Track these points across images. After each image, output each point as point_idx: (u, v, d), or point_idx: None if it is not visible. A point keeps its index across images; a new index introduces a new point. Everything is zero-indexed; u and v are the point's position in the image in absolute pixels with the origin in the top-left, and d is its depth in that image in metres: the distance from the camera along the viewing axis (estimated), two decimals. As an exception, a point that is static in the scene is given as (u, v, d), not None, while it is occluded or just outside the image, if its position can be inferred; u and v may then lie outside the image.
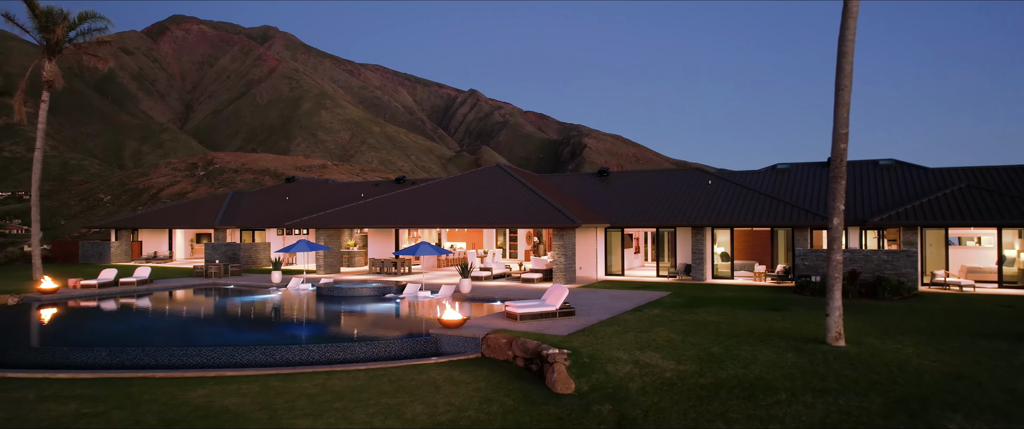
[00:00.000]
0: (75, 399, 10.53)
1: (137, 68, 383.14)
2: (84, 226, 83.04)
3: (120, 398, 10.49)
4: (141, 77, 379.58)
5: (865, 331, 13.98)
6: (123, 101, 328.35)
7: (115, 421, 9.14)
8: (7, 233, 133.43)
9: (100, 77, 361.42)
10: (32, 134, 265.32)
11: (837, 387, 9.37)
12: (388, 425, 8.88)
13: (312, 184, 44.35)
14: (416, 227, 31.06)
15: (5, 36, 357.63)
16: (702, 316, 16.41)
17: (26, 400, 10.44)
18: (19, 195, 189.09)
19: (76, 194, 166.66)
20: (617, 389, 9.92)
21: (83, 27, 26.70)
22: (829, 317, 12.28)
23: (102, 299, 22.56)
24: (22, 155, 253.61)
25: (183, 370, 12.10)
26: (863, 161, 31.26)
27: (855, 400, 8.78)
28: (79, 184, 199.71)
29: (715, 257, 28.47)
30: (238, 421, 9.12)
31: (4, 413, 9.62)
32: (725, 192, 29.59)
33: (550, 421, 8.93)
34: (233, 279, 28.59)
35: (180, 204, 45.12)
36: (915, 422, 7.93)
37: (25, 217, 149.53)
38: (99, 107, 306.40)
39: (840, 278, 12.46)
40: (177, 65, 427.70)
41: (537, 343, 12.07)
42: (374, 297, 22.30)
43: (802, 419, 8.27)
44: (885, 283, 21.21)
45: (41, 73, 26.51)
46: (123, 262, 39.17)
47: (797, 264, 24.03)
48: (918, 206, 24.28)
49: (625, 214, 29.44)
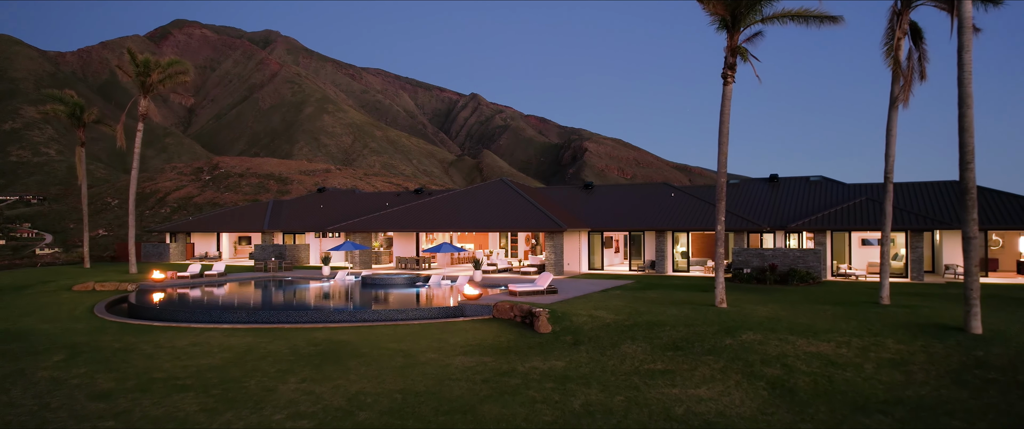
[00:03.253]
0: (247, 336, 17.38)
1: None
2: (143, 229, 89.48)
3: (273, 337, 17.33)
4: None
5: (749, 301, 20.82)
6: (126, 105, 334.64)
7: (279, 348, 15.92)
8: (18, 236, 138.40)
9: (104, 81, 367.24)
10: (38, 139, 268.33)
11: (700, 323, 16.19)
12: (440, 346, 15.80)
13: (341, 193, 51.28)
14: (433, 231, 37.93)
15: (10, 41, 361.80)
16: (648, 294, 23.24)
17: (214, 339, 17.25)
18: (27, 199, 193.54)
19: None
20: (576, 328, 16.77)
21: (169, 70, 33.47)
22: (716, 289, 19.13)
23: (198, 286, 29.40)
24: (28, 159, 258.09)
25: (299, 324, 18.94)
26: (796, 177, 38.20)
27: (705, 328, 15.62)
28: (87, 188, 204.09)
29: (676, 255, 35.32)
30: (353, 345, 15.94)
31: (204, 346, 16.36)
32: (685, 203, 36.45)
33: (535, 344, 15.82)
34: (287, 273, 35.44)
35: (227, 211, 52.00)
36: (728, 336, 14.76)
37: (33, 221, 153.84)
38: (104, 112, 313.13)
39: (722, 266, 19.31)
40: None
41: (529, 306, 18.93)
42: (407, 284, 29.18)
43: (673, 337, 15.11)
44: (795, 273, 28.09)
45: (138, 107, 33.25)
46: (179, 261, 45.94)
47: (734, 259, 30.90)
48: (827, 214, 31.17)
49: (604, 220, 36.32)
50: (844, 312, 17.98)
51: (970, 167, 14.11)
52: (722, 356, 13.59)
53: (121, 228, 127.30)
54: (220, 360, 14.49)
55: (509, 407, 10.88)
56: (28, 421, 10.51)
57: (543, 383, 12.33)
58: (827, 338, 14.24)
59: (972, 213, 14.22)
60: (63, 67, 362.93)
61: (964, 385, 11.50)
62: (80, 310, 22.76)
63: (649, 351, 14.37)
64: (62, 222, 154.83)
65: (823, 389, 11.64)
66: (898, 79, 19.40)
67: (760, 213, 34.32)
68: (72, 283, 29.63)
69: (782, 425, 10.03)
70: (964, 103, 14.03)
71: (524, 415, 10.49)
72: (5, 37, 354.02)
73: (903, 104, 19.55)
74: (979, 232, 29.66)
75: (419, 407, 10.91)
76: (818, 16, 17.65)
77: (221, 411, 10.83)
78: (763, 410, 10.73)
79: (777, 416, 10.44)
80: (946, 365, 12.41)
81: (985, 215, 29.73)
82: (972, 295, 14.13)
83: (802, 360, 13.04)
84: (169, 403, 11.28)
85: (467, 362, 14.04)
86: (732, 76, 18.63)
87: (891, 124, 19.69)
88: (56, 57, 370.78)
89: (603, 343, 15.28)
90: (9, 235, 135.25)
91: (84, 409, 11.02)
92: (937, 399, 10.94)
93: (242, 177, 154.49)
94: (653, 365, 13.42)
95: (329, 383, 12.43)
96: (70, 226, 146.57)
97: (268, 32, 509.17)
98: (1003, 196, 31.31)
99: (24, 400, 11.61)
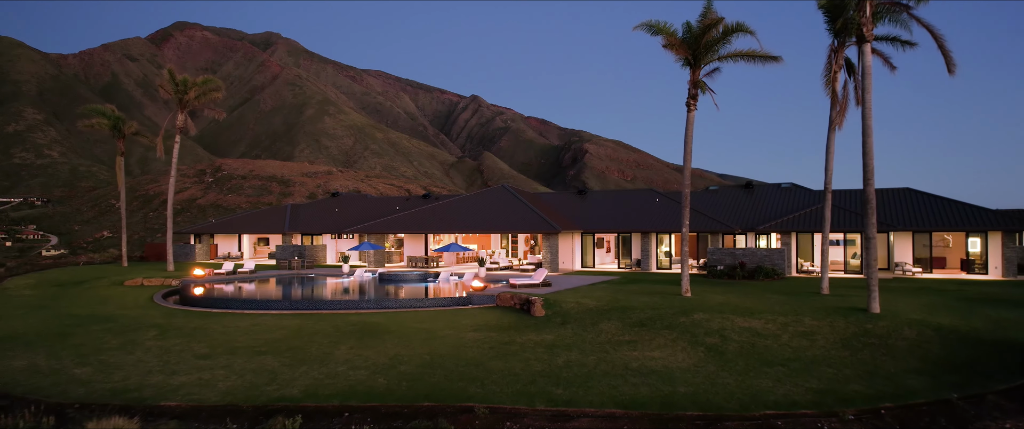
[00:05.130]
0: (295, 319, 21.27)
1: (141, 74, 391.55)
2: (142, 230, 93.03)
3: (316, 320, 21.21)
4: (146, 83, 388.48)
5: (711, 292, 24.70)
6: (128, 107, 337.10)
7: (324, 327, 19.76)
8: (24, 238, 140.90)
9: (106, 83, 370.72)
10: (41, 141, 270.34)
11: (664, 308, 20.06)
12: (454, 325, 19.73)
13: (354, 197, 55.26)
14: (441, 233, 41.80)
15: (12, 44, 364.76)
16: (628, 287, 27.13)
17: (267, 321, 21.12)
18: (31, 201, 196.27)
19: (88, 200, 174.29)
20: (564, 312, 20.66)
21: (204, 88, 37.37)
22: (682, 281, 23.01)
23: (233, 281, 33.27)
24: (31, 161, 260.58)
25: (336, 310, 22.81)
26: (769, 184, 42.12)
27: (667, 311, 19.50)
28: (89, 190, 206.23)
29: (660, 254, 39.21)
30: (384, 325, 19.81)
31: (263, 326, 20.22)
32: (669, 208, 40.35)
33: (531, 324, 19.74)
34: (309, 270, 39.33)
35: (249, 214, 55.98)
36: (683, 316, 18.64)
37: (38, 223, 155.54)
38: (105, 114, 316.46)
39: (687, 261, 23.17)
40: (181, 71, 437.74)
41: (527, 295, 22.82)
42: (419, 280, 33.07)
43: (640, 317, 18.99)
44: (762, 270, 31.97)
45: (176, 122, 37.17)
46: (205, 261, 49.80)
47: (709, 258, 34.77)
48: (792, 218, 35.09)
49: (596, 223, 40.22)
50: (786, 300, 21.86)
51: (870, 182, 18.01)
52: (675, 330, 17.49)
53: (127, 229, 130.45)
54: (281, 334, 18.38)
55: (509, 362, 14.79)
56: (160, 368, 14.43)
57: (536, 349, 16.22)
58: (760, 317, 18.14)
59: (871, 218, 18.12)
60: (65, 69, 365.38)
61: (847, 347, 15.41)
62: (143, 300, 26.65)
63: (620, 328, 18.26)
64: (67, 224, 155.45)
65: (745, 351, 15.54)
66: (835, 105, 23.27)
67: (735, 216, 38.19)
68: (122, 279, 33.46)
69: (707, 373, 13.92)
70: (866, 133, 17.94)
71: (520, 368, 14.39)
72: (7, 40, 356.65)
73: (838, 127, 23.42)
74: (877, 233, 33.72)
75: (443, 363, 14.81)
76: (762, 56, 21.54)
77: (296, 366, 14.72)
78: (697, 364, 14.63)
79: (706, 368, 14.33)
80: (841, 334, 16.31)
81: (929, 218, 33.64)
82: (872, 283, 18.01)
83: (735, 332, 16.94)
84: (256, 361, 15.18)
85: (477, 336, 17.94)
86: (694, 105, 22.53)
87: (830, 144, 23.59)
88: (58, 59, 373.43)
89: (585, 322, 19.18)
90: (15, 237, 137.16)
91: (196, 364, 14.92)
92: (824, 357, 14.85)
93: (244, 179, 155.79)
94: (622, 337, 17.32)
95: (372, 349, 16.32)
96: (75, 228, 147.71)
97: (269, 34, 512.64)
98: (946, 202, 35.21)
99: (148, 359, 15.52)
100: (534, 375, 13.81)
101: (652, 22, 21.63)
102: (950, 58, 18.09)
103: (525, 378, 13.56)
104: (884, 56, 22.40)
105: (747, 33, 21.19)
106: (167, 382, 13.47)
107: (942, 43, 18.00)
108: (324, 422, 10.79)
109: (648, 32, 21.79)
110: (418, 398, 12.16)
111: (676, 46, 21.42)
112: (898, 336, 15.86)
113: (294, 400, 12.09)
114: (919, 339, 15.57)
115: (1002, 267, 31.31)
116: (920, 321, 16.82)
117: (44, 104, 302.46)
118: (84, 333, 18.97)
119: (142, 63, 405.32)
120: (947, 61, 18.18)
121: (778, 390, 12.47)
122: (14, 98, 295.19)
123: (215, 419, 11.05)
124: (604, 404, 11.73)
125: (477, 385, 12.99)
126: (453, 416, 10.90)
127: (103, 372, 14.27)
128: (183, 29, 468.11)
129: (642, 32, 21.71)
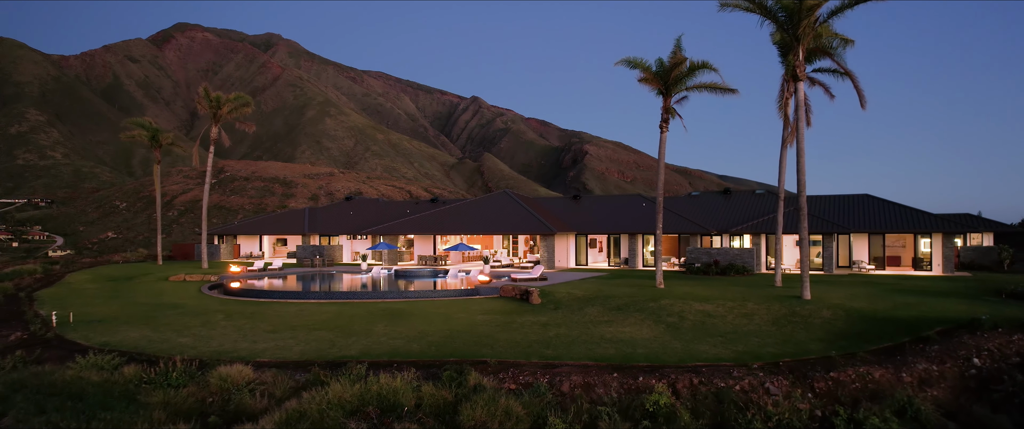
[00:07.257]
0: (333, 305, 25.56)
1: (143, 76, 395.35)
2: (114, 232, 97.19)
3: (351, 306, 25.52)
4: (147, 85, 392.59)
5: (682, 284, 29.00)
6: (130, 108, 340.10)
7: (359, 312, 24.07)
8: (30, 239, 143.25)
9: (107, 85, 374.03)
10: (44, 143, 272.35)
11: (639, 296, 24.35)
12: (466, 311, 24.08)
13: (367, 202, 59.68)
14: (449, 234, 46.08)
15: (14, 45, 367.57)
16: (613, 281, 31.45)
17: (310, 307, 25.43)
18: (35, 202, 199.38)
19: (92, 202, 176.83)
20: (557, 300, 24.97)
21: (236, 103, 41.67)
22: (657, 275, 27.33)
23: (265, 276, 37.52)
24: (35, 162, 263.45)
25: (366, 299, 27.12)
26: (745, 190, 46.46)
27: (640, 298, 23.80)
28: (93, 191, 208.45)
29: (646, 253, 43.55)
30: (408, 311, 24.12)
31: (308, 311, 24.51)
32: (654, 212, 44.67)
33: (529, 309, 24.09)
34: (331, 268, 43.62)
35: (269, 217, 60.33)
36: (652, 302, 22.94)
37: (43, 223, 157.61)
38: (107, 115, 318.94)
39: (660, 256, 27.48)
40: (182, 73, 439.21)
41: (526, 287, 27.15)
42: (431, 276, 37.39)
43: (618, 303, 23.30)
44: (733, 267, 36.31)
45: (210, 134, 41.45)
46: (231, 259, 54.06)
47: (688, 256, 39.08)
48: (762, 221, 39.43)
49: (588, 225, 44.55)
50: (742, 290, 26.19)
51: (803, 194, 22.34)
52: (644, 312, 21.83)
53: (130, 231, 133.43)
54: (325, 317, 22.69)
55: (512, 334, 19.12)
56: (242, 338, 18.75)
57: (533, 326, 20.55)
58: (713, 302, 22.48)
59: (804, 222, 22.46)
60: (67, 71, 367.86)
61: (776, 324, 19.75)
62: (192, 292, 30.93)
63: (601, 311, 22.59)
64: (72, 225, 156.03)
65: (697, 326, 19.87)
66: (787, 127, 27.60)
67: (712, 219, 42.53)
68: (165, 275, 37.71)
69: (663, 341, 18.24)
70: (799, 154, 22.27)
71: (520, 338, 18.72)
72: (9, 41, 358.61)
73: (789, 144, 27.74)
74: (809, 235, 38.06)
75: (461, 335, 19.13)
76: (722, 88, 25.89)
77: (347, 337, 19.03)
78: (656, 336, 18.95)
79: (663, 338, 18.66)
80: (775, 315, 20.64)
81: (881, 222, 38.00)
82: (804, 276, 22.34)
83: (692, 313, 21.28)
84: (315, 334, 19.49)
85: (486, 317, 22.26)
86: (666, 127, 26.87)
87: (782, 159, 27.92)
88: (59, 61, 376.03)
89: (573, 307, 23.52)
90: (22, 238, 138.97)
91: (268, 336, 19.24)
92: (756, 331, 19.18)
93: (247, 181, 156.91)
94: (601, 318, 21.65)
95: (402, 327, 20.64)
96: (80, 229, 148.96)
97: (269, 35, 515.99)
98: (899, 207, 39.58)
99: (230, 332, 19.84)
100: (531, 342, 18.13)
101: (631, 58, 26.00)
102: (862, 96, 22.50)
103: (524, 344, 17.89)
104: (824, 85, 26.77)
105: (710, 70, 25.54)
106: (253, 347, 17.79)
107: (855, 83, 22.41)
108: (381, 369, 15.10)
109: (627, 67, 26.14)
110: (444, 356, 16.49)
111: (650, 80, 25.78)
112: (817, 316, 20.20)
113: (354, 357, 16.41)
114: (832, 318, 19.91)
115: (942, 264, 35.67)
116: (838, 305, 21.19)
117: (46, 105, 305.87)
118: (165, 316, 23.26)
119: (143, 64, 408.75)
120: (860, 98, 22.58)
121: (711, 352, 16.79)
122: (17, 99, 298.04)
123: (301, 369, 15.37)
124: (581, 359, 16.07)
125: (488, 349, 17.31)
126: (472, 366, 15.22)
127: (201, 341, 18.60)
128: (184, 30, 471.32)
129: (622, 67, 26.04)
